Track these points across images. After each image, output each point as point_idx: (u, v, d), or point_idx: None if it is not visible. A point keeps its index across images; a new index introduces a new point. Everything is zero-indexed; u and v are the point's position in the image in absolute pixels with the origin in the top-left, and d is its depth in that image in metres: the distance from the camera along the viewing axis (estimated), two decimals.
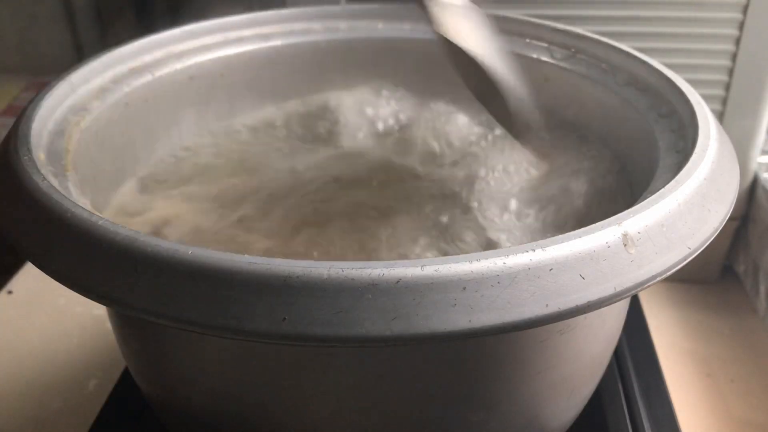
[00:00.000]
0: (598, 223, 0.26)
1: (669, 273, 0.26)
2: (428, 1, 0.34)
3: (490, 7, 0.45)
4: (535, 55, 0.46)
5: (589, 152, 0.42)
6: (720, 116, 0.55)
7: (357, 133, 0.47)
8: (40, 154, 0.32)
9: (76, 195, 0.31)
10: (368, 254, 0.35)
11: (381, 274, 0.23)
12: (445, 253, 0.36)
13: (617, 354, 0.47)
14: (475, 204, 0.39)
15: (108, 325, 0.52)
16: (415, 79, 0.50)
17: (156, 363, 0.34)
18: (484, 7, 0.38)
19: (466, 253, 0.26)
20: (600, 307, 0.25)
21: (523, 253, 0.24)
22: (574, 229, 0.26)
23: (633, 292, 0.25)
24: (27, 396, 0.49)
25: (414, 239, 0.36)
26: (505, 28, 0.47)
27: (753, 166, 0.57)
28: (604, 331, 0.34)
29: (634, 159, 0.39)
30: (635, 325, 0.51)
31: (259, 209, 0.39)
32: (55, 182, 0.29)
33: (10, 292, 0.59)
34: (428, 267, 0.23)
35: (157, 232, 0.37)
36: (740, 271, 0.61)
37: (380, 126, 0.48)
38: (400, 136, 0.47)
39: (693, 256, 0.27)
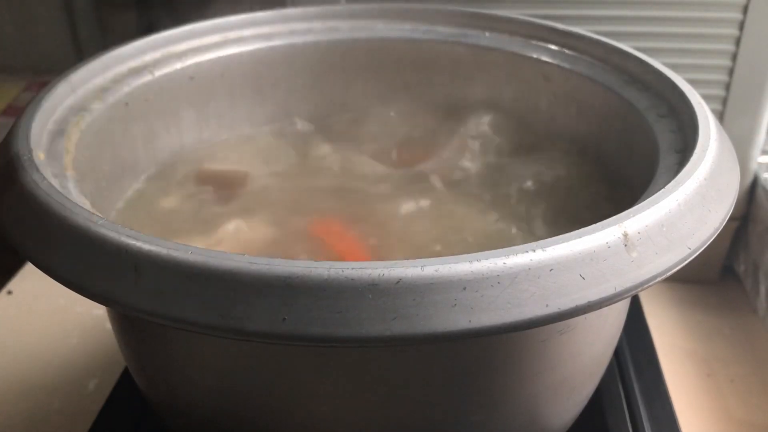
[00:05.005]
0: (598, 223, 0.26)
1: (669, 273, 0.26)
2: None
3: (491, 7, 0.45)
4: (535, 55, 0.46)
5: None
6: (720, 116, 0.55)
7: None
8: (40, 154, 0.32)
9: (76, 195, 0.31)
10: None
11: (381, 275, 0.23)
12: None
13: (617, 354, 0.47)
14: None
15: (108, 325, 0.52)
16: (415, 80, 0.50)
17: (156, 363, 0.34)
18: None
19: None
20: (600, 307, 0.25)
21: (523, 253, 0.24)
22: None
23: (633, 292, 0.25)
24: (27, 396, 0.49)
25: None
26: (505, 28, 0.47)
27: (753, 166, 0.57)
28: (604, 331, 0.34)
29: (634, 159, 0.39)
30: (635, 325, 0.51)
31: None
32: (55, 182, 0.29)
33: (10, 292, 0.59)
34: (428, 267, 0.23)
35: None
36: (740, 271, 0.61)
37: None
38: None
39: (693, 257, 0.27)
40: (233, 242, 0.37)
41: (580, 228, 0.26)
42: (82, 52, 0.87)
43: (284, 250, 0.37)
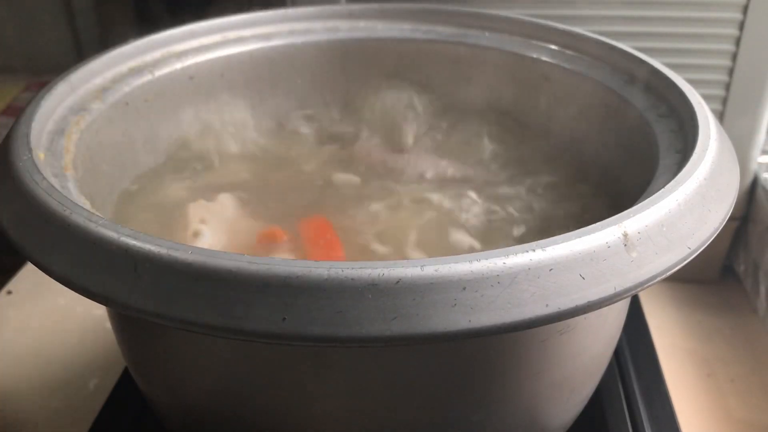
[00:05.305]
0: (598, 223, 0.26)
1: (669, 273, 0.26)
2: None
3: (491, 7, 0.45)
4: (535, 55, 0.46)
5: None
6: (720, 116, 0.55)
7: None
8: (40, 154, 0.32)
9: (76, 195, 0.31)
10: None
11: (381, 274, 0.23)
12: None
13: (617, 354, 0.47)
14: None
15: (108, 325, 0.52)
16: (415, 80, 0.50)
17: (156, 363, 0.34)
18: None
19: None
20: (600, 307, 0.25)
21: (523, 253, 0.24)
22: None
23: (633, 292, 0.25)
24: (27, 396, 0.49)
25: None
26: (505, 28, 0.47)
27: (753, 166, 0.57)
28: (604, 331, 0.34)
29: (634, 159, 0.39)
30: (635, 325, 0.51)
31: None
32: (55, 182, 0.29)
33: (9, 292, 0.59)
34: (428, 267, 0.23)
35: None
36: (740, 271, 0.61)
37: None
38: None
39: (693, 256, 0.27)
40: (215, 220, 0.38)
41: (579, 228, 0.26)
42: (82, 52, 0.87)
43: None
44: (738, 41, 0.52)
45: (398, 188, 0.42)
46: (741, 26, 0.52)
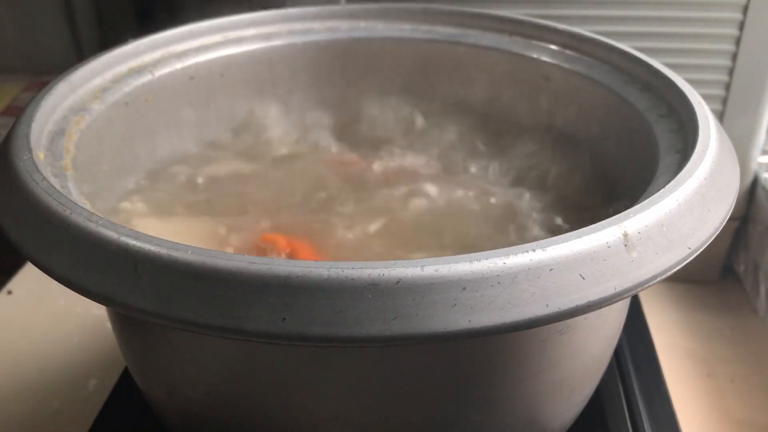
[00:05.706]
0: (598, 223, 0.26)
1: (669, 273, 0.26)
2: None
3: (491, 7, 0.45)
4: (535, 55, 0.46)
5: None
6: (720, 116, 0.55)
7: None
8: (40, 154, 0.32)
9: (76, 195, 0.31)
10: None
11: (381, 274, 0.23)
12: None
13: (617, 354, 0.47)
14: None
15: (108, 325, 0.52)
16: (415, 80, 0.50)
17: (156, 363, 0.34)
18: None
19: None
20: (600, 307, 0.25)
21: (523, 253, 0.24)
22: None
23: (633, 292, 0.25)
24: (27, 396, 0.49)
25: None
26: (505, 28, 0.47)
27: (753, 166, 0.57)
28: (604, 331, 0.34)
29: (634, 159, 0.39)
30: (635, 325, 0.51)
31: None
32: (55, 182, 0.29)
33: (10, 292, 0.59)
34: (428, 267, 0.23)
35: None
36: (740, 271, 0.61)
37: None
38: None
39: (693, 256, 0.27)
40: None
41: (580, 228, 0.26)
42: (82, 52, 0.87)
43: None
44: (738, 41, 0.52)
45: (395, 196, 0.42)
46: (741, 26, 0.52)
